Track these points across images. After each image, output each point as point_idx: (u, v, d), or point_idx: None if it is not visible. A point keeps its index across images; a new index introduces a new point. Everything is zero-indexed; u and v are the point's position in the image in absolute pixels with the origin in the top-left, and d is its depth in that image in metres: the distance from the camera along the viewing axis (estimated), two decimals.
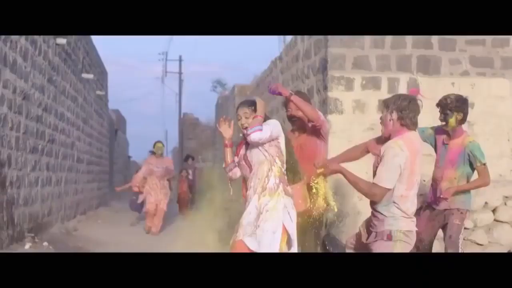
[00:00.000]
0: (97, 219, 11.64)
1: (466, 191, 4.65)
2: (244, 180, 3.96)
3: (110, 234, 8.97)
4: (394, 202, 3.48)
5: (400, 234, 3.49)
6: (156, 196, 9.59)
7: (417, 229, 3.61)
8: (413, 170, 3.46)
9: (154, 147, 9.87)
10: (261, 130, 3.64)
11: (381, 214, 3.54)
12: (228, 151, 3.95)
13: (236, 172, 3.96)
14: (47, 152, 8.48)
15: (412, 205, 3.55)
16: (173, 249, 5.60)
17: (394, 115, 3.49)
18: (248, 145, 3.84)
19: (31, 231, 7.29)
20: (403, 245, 3.50)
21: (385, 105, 3.62)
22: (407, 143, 3.47)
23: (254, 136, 3.63)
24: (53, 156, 8.98)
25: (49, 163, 8.68)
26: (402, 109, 3.48)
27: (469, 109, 4.74)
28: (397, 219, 3.49)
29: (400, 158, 3.41)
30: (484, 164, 4.54)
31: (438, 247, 6.31)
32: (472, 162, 4.55)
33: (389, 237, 3.49)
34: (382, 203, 3.52)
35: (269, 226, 3.63)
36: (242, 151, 3.91)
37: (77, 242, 7.88)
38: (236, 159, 3.95)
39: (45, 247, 6.91)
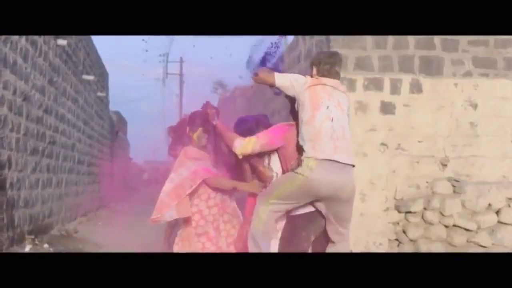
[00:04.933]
0: (98, 221, 11.60)
1: None
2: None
3: (111, 236, 8.92)
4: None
5: None
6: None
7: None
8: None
9: None
10: None
11: None
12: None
13: None
14: (47, 153, 8.44)
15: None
16: None
17: (314, 70, 3.72)
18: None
19: (31, 233, 7.26)
20: None
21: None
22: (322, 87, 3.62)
23: None
24: (54, 158, 8.95)
25: (50, 164, 8.65)
26: (319, 62, 3.71)
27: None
28: None
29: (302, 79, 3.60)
30: None
31: (439, 248, 6.28)
32: None
33: None
34: None
35: None
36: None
37: (78, 244, 7.84)
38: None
39: (46, 249, 6.87)
